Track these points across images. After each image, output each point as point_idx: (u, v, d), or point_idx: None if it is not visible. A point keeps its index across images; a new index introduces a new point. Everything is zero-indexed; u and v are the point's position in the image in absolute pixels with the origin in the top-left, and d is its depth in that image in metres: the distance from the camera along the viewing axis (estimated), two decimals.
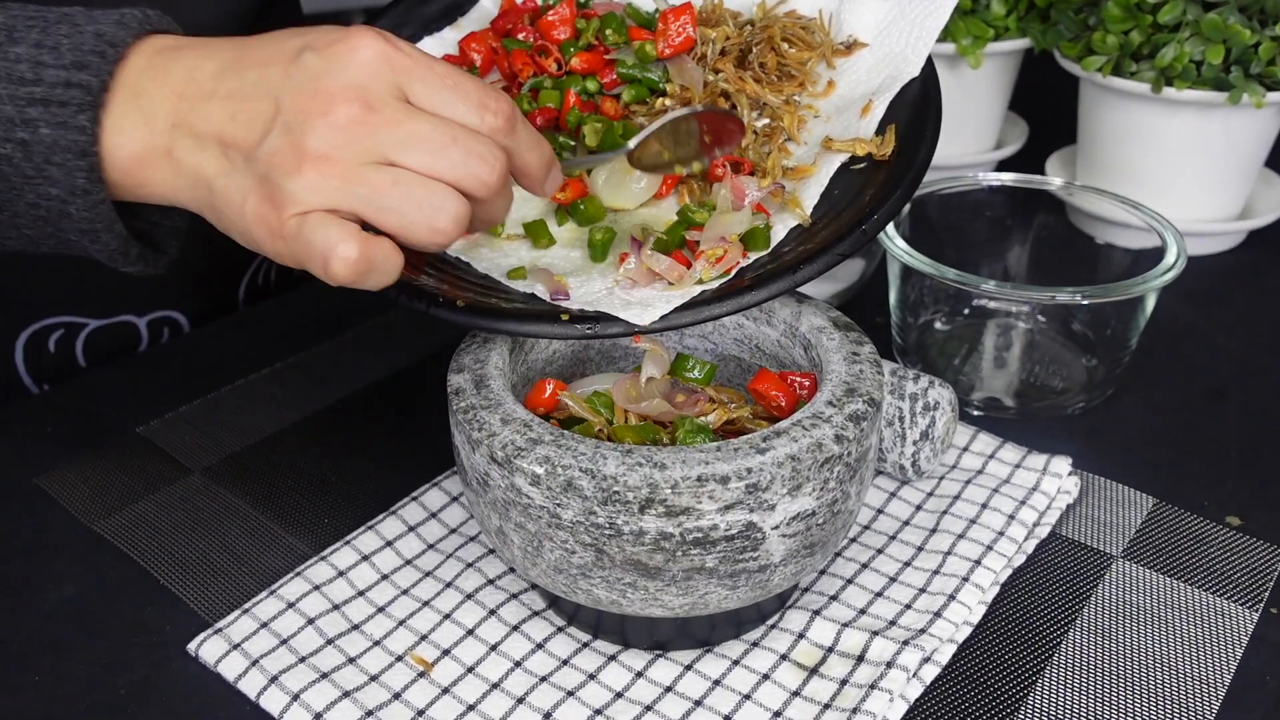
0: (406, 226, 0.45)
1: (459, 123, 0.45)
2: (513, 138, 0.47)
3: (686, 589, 0.48)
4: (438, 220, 0.45)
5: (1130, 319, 0.69)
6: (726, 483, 0.45)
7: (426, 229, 0.45)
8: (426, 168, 0.44)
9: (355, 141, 0.44)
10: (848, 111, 0.62)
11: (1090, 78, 0.87)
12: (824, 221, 0.56)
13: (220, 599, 0.57)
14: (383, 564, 0.58)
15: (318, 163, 0.44)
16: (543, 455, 0.46)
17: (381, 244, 0.45)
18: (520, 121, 0.47)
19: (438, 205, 0.45)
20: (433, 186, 0.45)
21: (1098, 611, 0.56)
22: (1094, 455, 0.67)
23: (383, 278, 0.46)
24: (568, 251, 0.59)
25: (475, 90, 0.46)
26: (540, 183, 0.50)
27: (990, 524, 0.60)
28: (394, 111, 0.44)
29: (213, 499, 0.64)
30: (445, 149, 0.45)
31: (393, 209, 0.44)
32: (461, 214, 0.45)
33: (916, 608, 0.55)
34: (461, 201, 0.45)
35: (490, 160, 0.45)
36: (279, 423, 0.70)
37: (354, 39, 0.45)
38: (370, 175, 0.44)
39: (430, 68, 0.45)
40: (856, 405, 0.49)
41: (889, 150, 0.58)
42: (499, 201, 0.47)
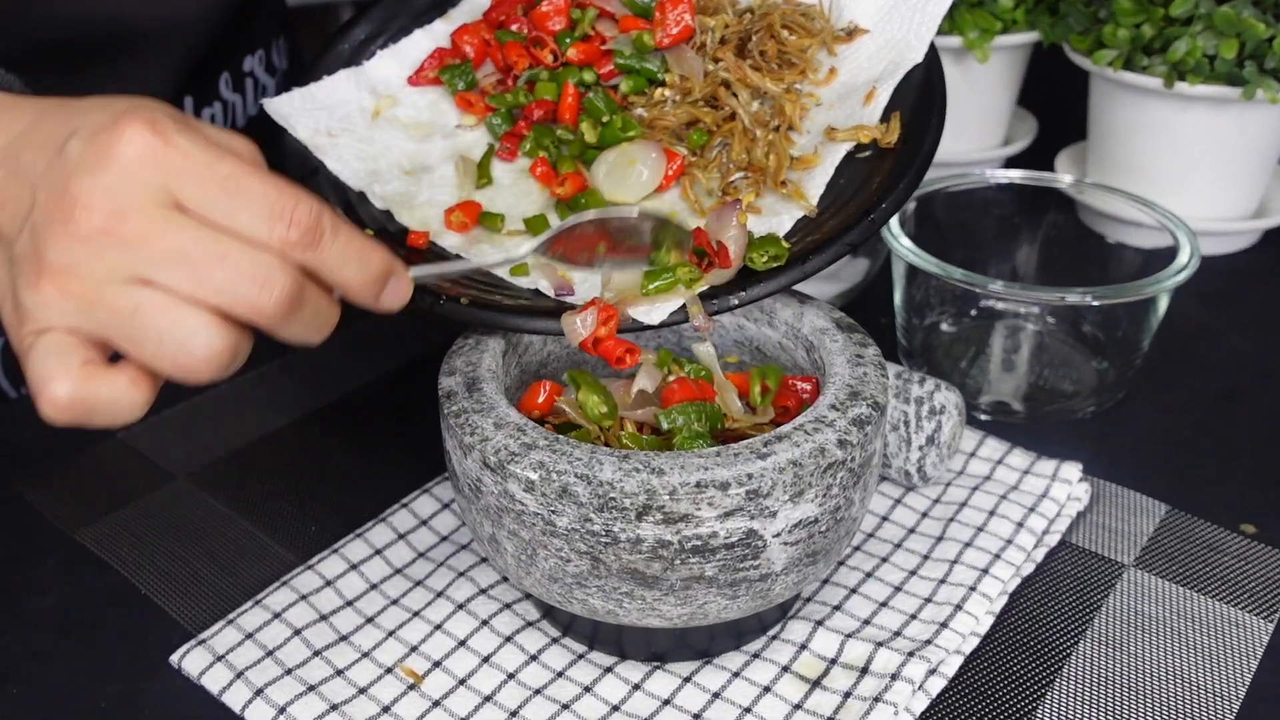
0: (151, 359, 0.40)
1: (239, 234, 0.40)
2: (315, 252, 0.41)
3: (685, 598, 0.48)
4: (182, 356, 0.40)
5: (1142, 320, 0.70)
6: (726, 489, 0.45)
7: (170, 364, 0.40)
8: (186, 289, 0.40)
9: (98, 256, 0.39)
10: (850, 99, 0.62)
11: (1101, 72, 0.87)
12: (830, 212, 0.57)
13: (204, 609, 0.57)
14: (371, 573, 0.58)
15: (56, 277, 0.39)
16: (537, 460, 0.46)
17: (111, 381, 0.40)
18: (330, 232, 0.42)
19: (184, 339, 0.40)
20: (182, 316, 0.40)
21: (1109, 622, 0.56)
22: (1105, 461, 0.67)
23: (111, 418, 0.41)
24: None
25: (266, 196, 0.40)
26: (368, 299, 0.45)
27: (998, 532, 0.60)
28: (150, 222, 0.39)
29: (196, 506, 0.64)
30: (207, 269, 0.39)
31: (132, 339, 0.40)
32: (218, 348, 0.40)
33: (922, 618, 0.55)
34: (220, 334, 0.40)
35: (268, 283, 0.40)
36: (265, 427, 0.71)
37: (120, 130, 0.40)
38: (113, 297, 0.39)
39: (210, 167, 0.40)
40: (860, 409, 0.50)
41: (894, 138, 0.59)
42: (295, 325, 0.42)
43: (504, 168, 0.64)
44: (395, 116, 0.66)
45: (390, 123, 0.66)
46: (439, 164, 0.64)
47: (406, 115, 0.66)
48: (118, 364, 0.41)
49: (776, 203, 0.59)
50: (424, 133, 0.66)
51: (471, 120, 0.66)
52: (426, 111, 0.67)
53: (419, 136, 0.66)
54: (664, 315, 0.53)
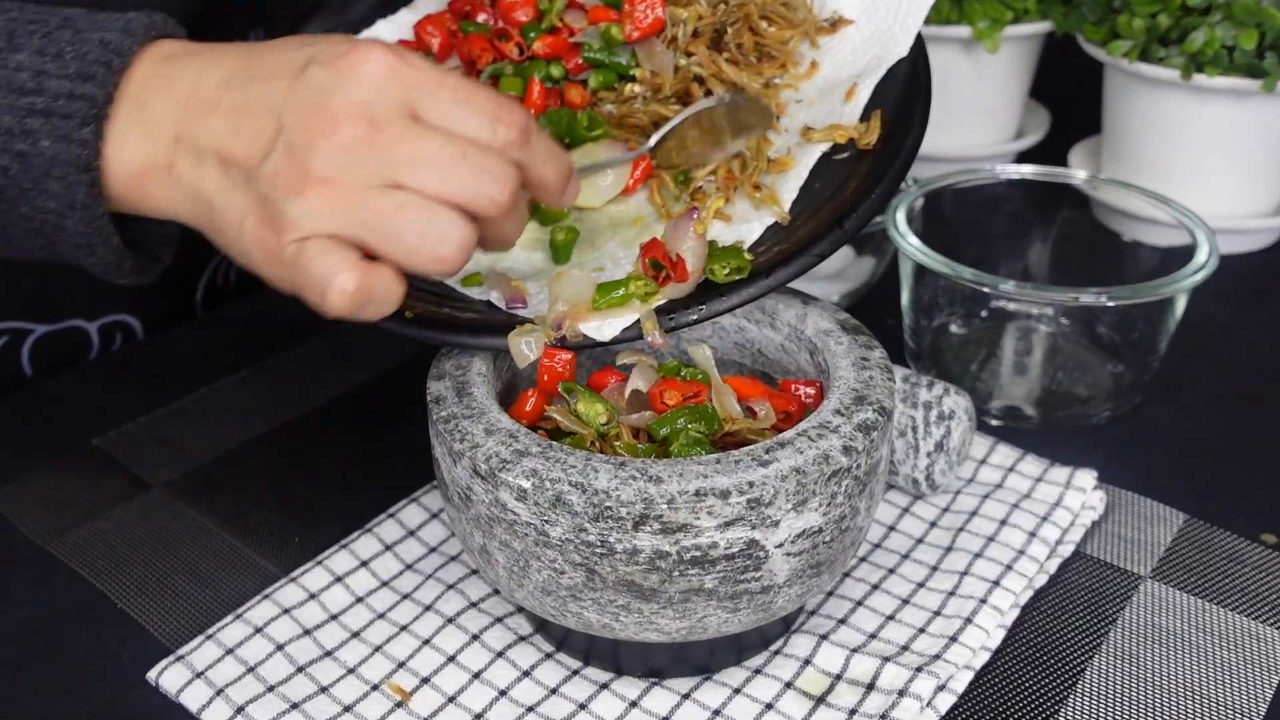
0: (409, 254, 0.45)
1: (469, 138, 0.46)
2: (527, 150, 0.47)
3: (684, 612, 0.48)
4: (441, 248, 0.45)
5: (1159, 321, 0.70)
6: (727, 497, 0.46)
7: (429, 257, 0.46)
8: (434, 188, 0.45)
9: (360, 164, 0.45)
10: (832, 95, 0.61)
11: (1116, 63, 0.88)
12: (803, 218, 0.56)
13: (182, 624, 0.57)
14: (357, 586, 0.58)
15: (320, 186, 0.44)
16: (529, 468, 0.47)
17: (381, 274, 0.46)
18: (536, 133, 0.48)
19: (441, 233, 0.45)
20: (437, 212, 0.45)
21: (1125, 635, 0.56)
22: (1120, 468, 0.67)
23: (382, 308, 0.47)
24: (528, 254, 0.59)
25: (488, 103, 0.47)
26: (558, 195, 0.50)
27: (1010, 542, 0.60)
28: (401, 130, 0.45)
29: (174, 516, 0.64)
30: (453, 167, 0.45)
31: (395, 236, 0.45)
32: (467, 240, 0.46)
33: (930, 632, 0.55)
34: (467, 227, 0.46)
35: (501, 177, 0.46)
36: (245, 434, 0.71)
37: (361, 51, 0.45)
38: (374, 200, 0.45)
39: (441, 81, 0.46)
40: (866, 414, 0.50)
41: (873, 138, 0.58)
42: (510, 221, 0.48)
43: None
44: None
45: None
46: None
47: None
48: (378, 261, 0.46)
49: (748, 209, 0.58)
50: None
51: None
52: None
53: None
54: (616, 330, 0.52)
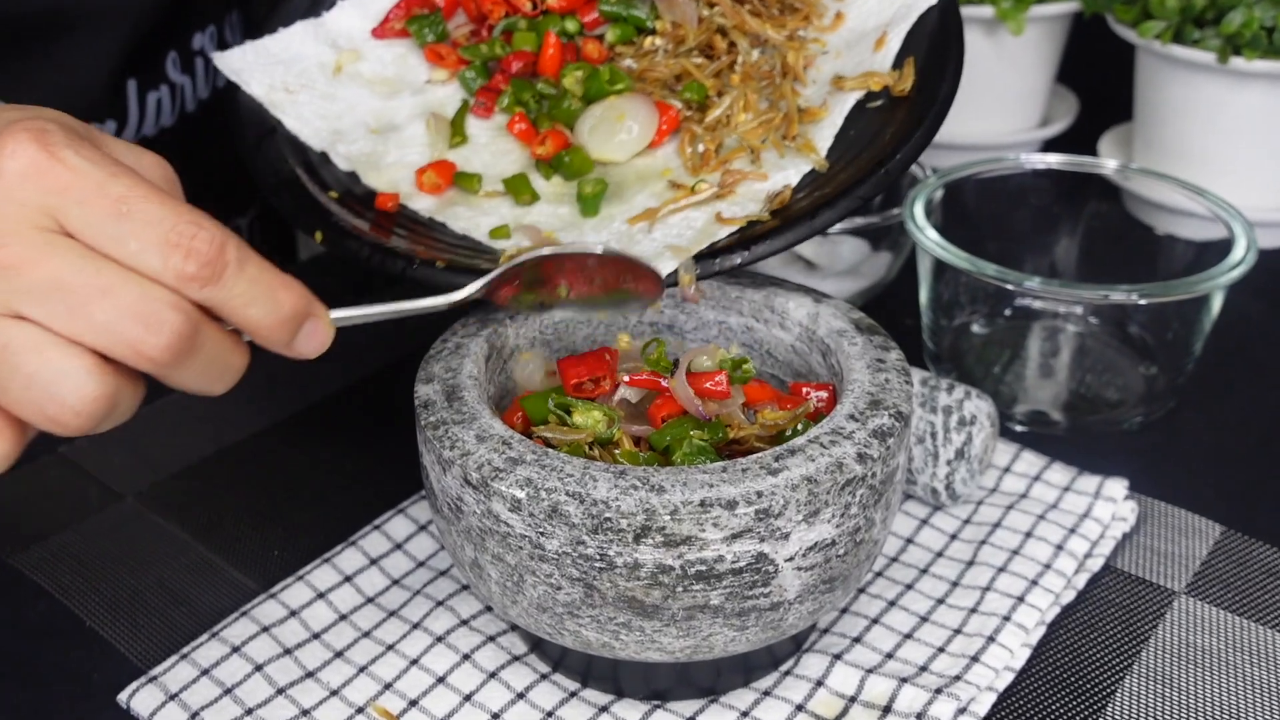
0: (15, 405, 0.40)
1: (130, 266, 0.39)
2: (216, 288, 0.40)
3: (688, 630, 0.48)
4: (49, 403, 0.39)
5: (1194, 321, 0.70)
6: (734, 508, 0.45)
7: (37, 413, 0.39)
8: (62, 327, 0.39)
9: None
10: (859, 46, 0.63)
11: (1148, 46, 0.87)
12: (841, 164, 0.57)
13: (155, 643, 0.57)
14: (341, 602, 0.58)
15: None
16: (524, 477, 0.47)
17: None
18: (237, 264, 0.41)
19: (53, 381, 0.39)
20: (52, 355, 0.39)
21: (1158, 655, 0.56)
22: (1153, 477, 0.67)
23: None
24: (555, 208, 0.60)
25: (164, 221, 0.39)
26: (280, 344, 0.44)
27: (1035, 555, 0.60)
28: (27, 247, 0.39)
29: (146, 528, 0.64)
30: (88, 304, 0.39)
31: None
32: (94, 394, 0.39)
33: (951, 651, 0.55)
34: (99, 377, 0.39)
35: (155, 322, 0.39)
36: (221, 441, 0.71)
37: (2, 142, 0.39)
38: None
39: (100, 186, 0.39)
40: (882, 419, 0.50)
41: (908, 85, 0.59)
42: (187, 369, 0.41)
43: (479, 125, 0.64)
44: (359, 72, 0.67)
45: (353, 78, 0.66)
46: (408, 122, 0.65)
47: (371, 70, 0.67)
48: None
49: (776, 160, 0.59)
50: (390, 89, 0.66)
51: (443, 75, 0.67)
52: (393, 66, 0.67)
53: (385, 93, 0.66)
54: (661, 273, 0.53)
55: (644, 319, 0.60)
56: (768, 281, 0.59)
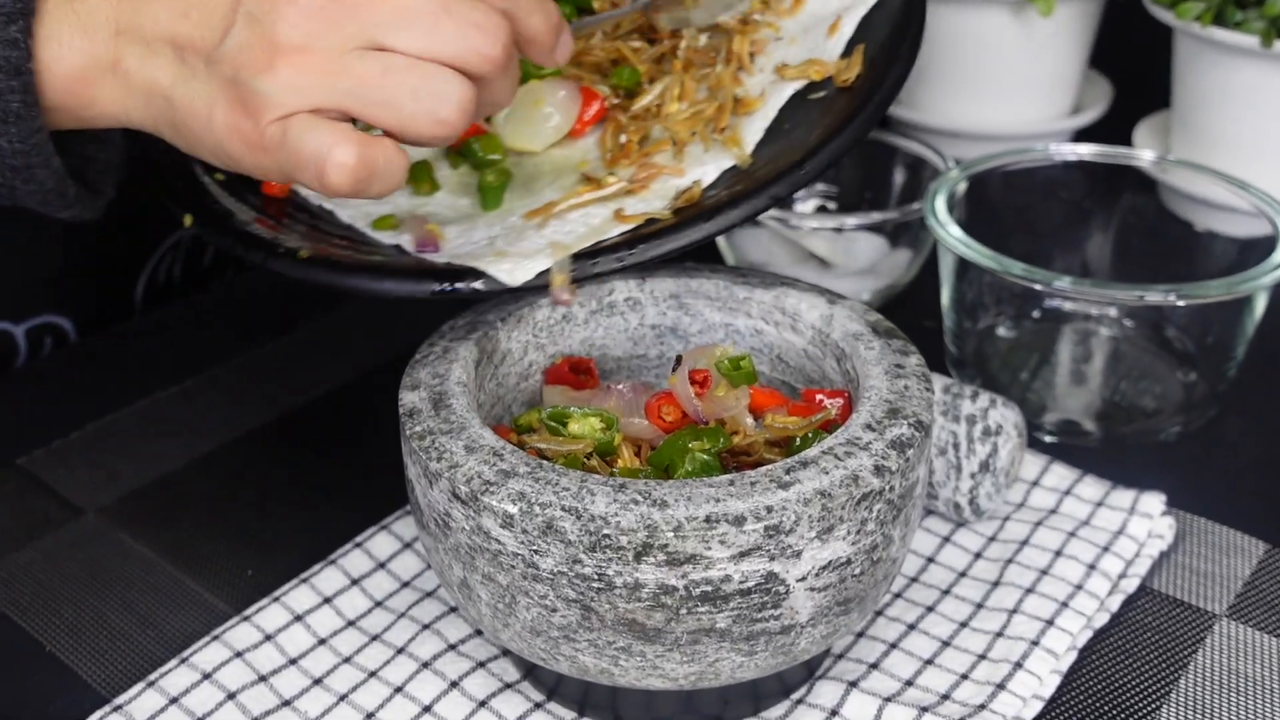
0: (405, 121, 0.47)
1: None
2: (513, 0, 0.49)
3: (693, 655, 0.48)
4: (440, 109, 0.47)
5: (1236, 324, 0.70)
6: (741, 524, 0.46)
7: (429, 120, 0.47)
8: (420, 48, 0.46)
9: (333, 27, 0.46)
10: (815, 30, 0.62)
11: (1186, 28, 0.88)
12: (764, 160, 0.57)
13: (120, 669, 0.57)
14: (319, 626, 0.59)
15: (293, 56, 0.46)
16: (516, 491, 0.47)
17: (383, 144, 0.47)
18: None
19: (438, 91, 0.47)
20: (429, 70, 0.47)
21: (1197, 682, 0.57)
22: (1193, 491, 0.67)
23: (387, 183, 0.48)
24: (455, 199, 0.60)
25: None
26: (549, 50, 0.52)
27: (1066, 575, 0.61)
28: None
29: (110, 546, 0.64)
30: (438, 23, 0.46)
31: (386, 102, 0.46)
32: (466, 99, 0.47)
33: (975, 678, 0.56)
34: (465, 84, 0.47)
35: (491, 30, 0.47)
36: (191, 452, 0.71)
37: None
38: (355, 65, 0.46)
39: None
40: (901, 429, 0.50)
41: (853, 74, 0.59)
42: (504, 79, 0.49)
43: None
44: None
45: None
46: None
47: None
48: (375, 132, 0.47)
49: (700, 155, 0.59)
50: None
51: None
52: None
53: None
54: (529, 275, 0.53)
55: (644, 321, 0.61)
56: (778, 281, 0.60)
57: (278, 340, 0.80)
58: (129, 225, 0.81)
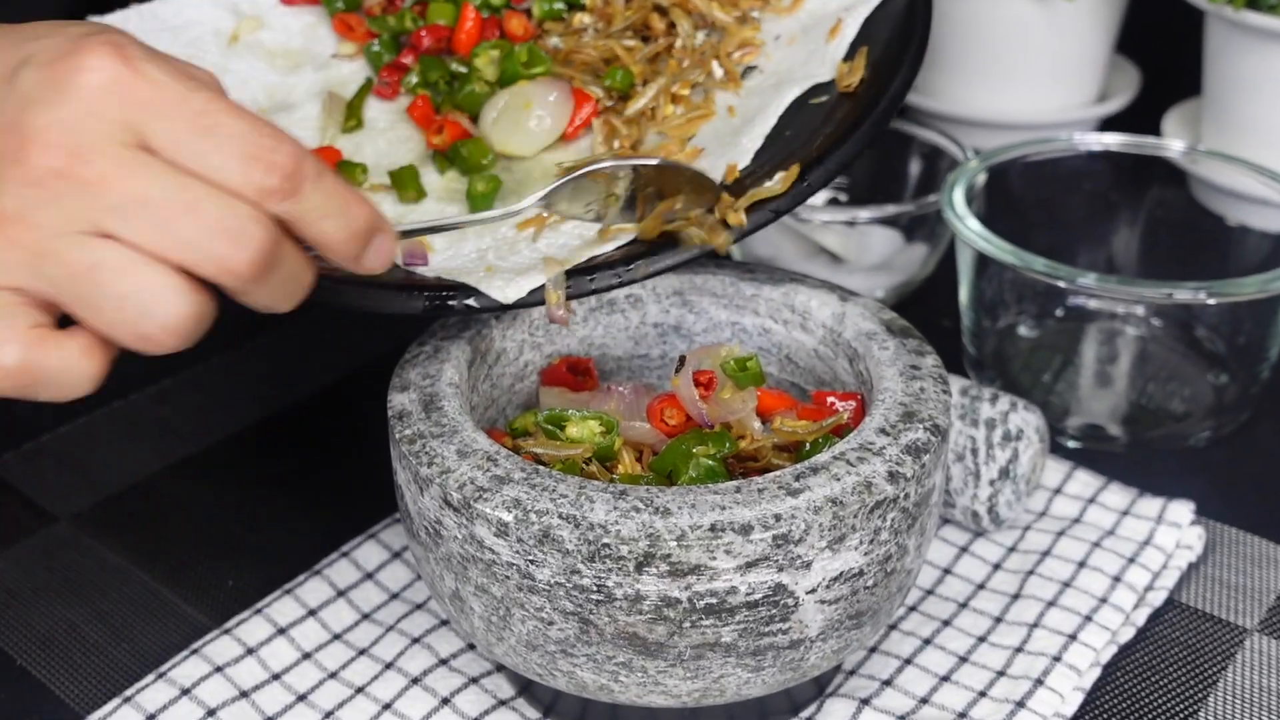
0: (105, 327, 0.43)
1: (212, 181, 0.43)
2: (294, 202, 0.44)
3: (696, 671, 0.48)
4: (144, 324, 0.43)
5: (1270, 323, 0.70)
6: (748, 533, 0.46)
7: (129, 333, 0.43)
8: (150, 244, 0.42)
9: (54, 202, 0.42)
10: (815, 31, 0.62)
11: (1218, 12, 0.88)
12: (765, 170, 0.57)
13: (94, 684, 0.57)
14: (303, 639, 0.59)
15: (6, 227, 0.42)
16: (511, 497, 0.47)
17: (63, 349, 0.44)
18: (314, 179, 0.45)
19: (147, 301, 0.43)
20: (145, 276, 0.42)
21: (1227, 700, 0.57)
22: (1224, 499, 0.67)
23: (59, 391, 0.44)
24: (443, 206, 0.60)
25: (245, 135, 0.43)
26: (350, 258, 0.47)
27: (1089, 588, 0.61)
28: (111, 164, 0.42)
29: (84, 554, 0.64)
30: (174, 220, 0.42)
31: (87, 301, 0.43)
32: (184, 314, 0.43)
33: (994, 695, 0.56)
34: (187, 298, 0.43)
35: (242, 237, 0.43)
36: (169, 456, 0.71)
37: (81, 54, 0.42)
38: (68, 251, 0.42)
39: (183, 102, 0.43)
40: (916, 434, 0.50)
41: (855, 79, 0.59)
42: (265, 289, 0.45)
43: (381, 108, 0.64)
44: (259, 42, 0.67)
45: (252, 49, 0.66)
46: (304, 100, 0.65)
47: (274, 41, 0.67)
48: (69, 330, 0.44)
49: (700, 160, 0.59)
50: (292, 63, 0.66)
51: (350, 49, 0.67)
52: (299, 37, 0.67)
53: (286, 67, 0.66)
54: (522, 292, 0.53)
55: (646, 319, 0.61)
56: (787, 277, 0.60)
57: (260, 338, 0.80)
58: None
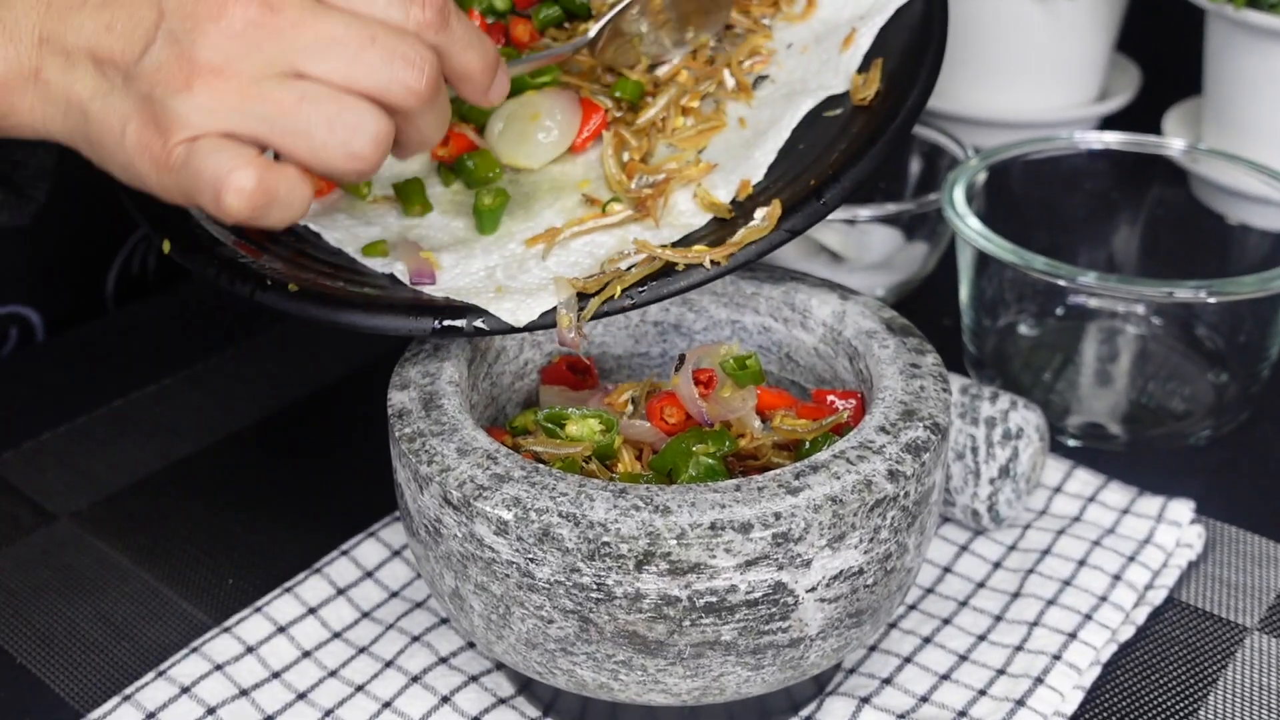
0: (316, 151, 0.47)
1: (379, 19, 0.48)
2: (445, 34, 0.49)
3: (696, 669, 0.48)
4: (354, 142, 0.47)
5: (1270, 322, 0.70)
6: (748, 531, 0.46)
7: (341, 154, 0.47)
8: (341, 77, 0.47)
9: (254, 50, 0.46)
10: (828, 40, 0.62)
11: (1219, 11, 0.88)
12: (779, 185, 0.56)
13: (95, 682, 0.57)
14: (303, 637, 0.59)
15: (210, 77, 0.46)
16: (511, 496, 0.47)
17: (285, 172, 0.47)
18: (455, 14, 0.50)
19: (353, 124, 0.47)
20: (347, 101, 0.47)
21: (1227, 699, 0.57)
22: (1223, 498, 0.67)
23: (286, 212, 0.48)
24: (448, 220, 0.60)
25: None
26: (483, 89, 0.52)
27: (1089, 586, 0.61)
28: (299, 11, 0.47)
29: (84, 553, 0.64)
30: (362, 52, 0.47)
31: (299, 130, 0.47)
32: (383, 133, 0.48)
33: (994, 694, 0.56)
34: (382, 118, 0.48)
35: (417, 62, 0.48)
36: (169, 455, 0.71)
37: None
38: (273, 91, 0.46)
39: None
40: (916, 432, 0.50)
41: (871, 92, 0.58)
42: (430, 115, 0.50)
43: None
44: None
45: None
46: None
47: None
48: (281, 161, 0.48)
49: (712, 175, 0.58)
50: None
51: None
52: None
53: None
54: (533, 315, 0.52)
55: (646, 317, 0.61)
56: (788, 276, 0.60)
57: (260, 337, 0.80)
58: (99, 213, 0.81)
